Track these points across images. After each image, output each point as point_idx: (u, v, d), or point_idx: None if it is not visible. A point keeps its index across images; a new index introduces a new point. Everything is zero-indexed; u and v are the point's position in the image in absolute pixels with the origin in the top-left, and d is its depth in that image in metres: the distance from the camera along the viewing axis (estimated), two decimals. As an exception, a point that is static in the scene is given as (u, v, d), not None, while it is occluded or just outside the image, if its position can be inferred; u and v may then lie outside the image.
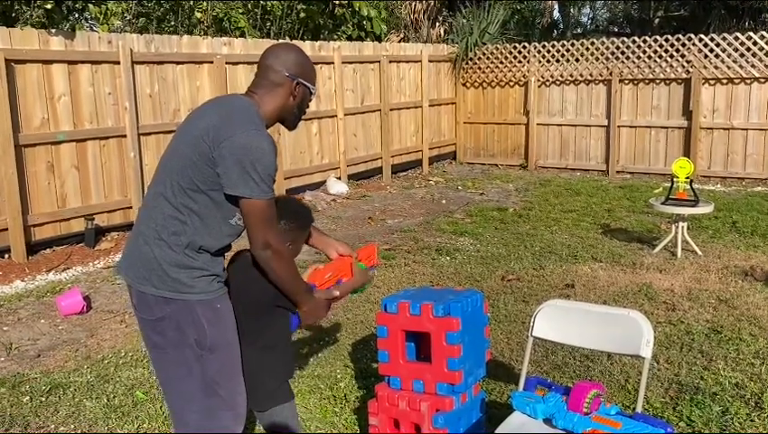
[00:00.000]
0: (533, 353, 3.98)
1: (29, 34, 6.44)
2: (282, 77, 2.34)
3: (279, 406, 2.54)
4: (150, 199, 2.32)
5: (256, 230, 2.22)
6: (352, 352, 4.22)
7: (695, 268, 5.77)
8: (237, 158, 2.15)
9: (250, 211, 2.20)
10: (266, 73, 2.35)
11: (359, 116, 10.31)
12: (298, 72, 2.36)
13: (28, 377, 4.02)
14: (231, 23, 10.01)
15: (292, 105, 2.39)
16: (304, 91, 2.40)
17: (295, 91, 2.36)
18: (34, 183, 6.52)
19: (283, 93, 2.35)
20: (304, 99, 2.42)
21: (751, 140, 9.85)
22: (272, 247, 2.24)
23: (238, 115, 2.23)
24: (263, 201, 2.19)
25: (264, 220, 2.22)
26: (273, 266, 2.28)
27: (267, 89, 2.35)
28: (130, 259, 2.33)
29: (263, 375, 2.47)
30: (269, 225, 2.24)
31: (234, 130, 2.17)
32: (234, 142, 2.15)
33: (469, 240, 6.93)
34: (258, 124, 2.25)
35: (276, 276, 2.31)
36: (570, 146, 11.28)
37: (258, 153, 2.16)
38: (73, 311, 5.04)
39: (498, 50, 11.71)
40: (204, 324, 2.26)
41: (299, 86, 2.37)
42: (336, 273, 2.70)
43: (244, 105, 2.29)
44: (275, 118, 2.39)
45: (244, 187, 2.16)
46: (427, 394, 2.71)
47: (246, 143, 2.15)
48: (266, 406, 2.52)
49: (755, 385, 3.65)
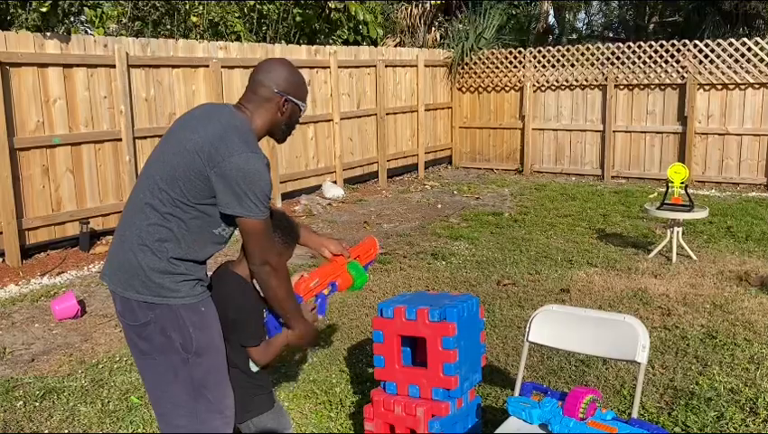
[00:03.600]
0: (529, 358, 3.98)
1: (24, 38, 6.43)
2: (271, 93, 2.35)
3: (256, 418, 2.53)
4: (133, 205, 2.31)
5: (254, 248, 2.27)
6: (348, 356, 4.22)
7: (690, 273, 5.78)
8: (234, 180, 2.17)
9: (249, 230, 2.25)
10: (256, 88, 2.37)
11: (355, 120, 10.32)
12: (287, 89, 2.37)
13: (22, 382, 4.00)
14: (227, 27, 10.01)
15: (280, 120, 2.41)
16: (293, 108, 2.42)
17: (283, 108, 2.38)
18: (29, 186, 6.50)
19: (272, 109, 2.37)
20: (293, 115, 2.44)
21: (745, 146, 9.89)
22: (270, 264, 2.29)
23: (235, 134, 2.23)
24: (260, 220, 2.23)
25: (262, 238, 2.27)
26: (271, 282, 2.32)
27: (257, 103, 2.36)
28: (113, 265, 2.32)
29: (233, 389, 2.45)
30: (267, 243, 2.29)
31: (231, 151, 2.18)
32: (231, 164, 2.17)
33: (464, 244, 6.94)
34: (253, 144, 2.27)
35: (273, 293, 2.35)
36: (565, 151, 11.30)
37: (255, 176, 2.19)
38: (68, 315, 5.02)
39: (494, 55, 11.73)
40: (189, 328, 2.26)
41: (288, 102, 2.38)
42: (326, 278, 2.69)
43: (238, 122, 2.29)
44: (264, 133, 2.41)
45: (241, 208, 2.20)
46: (423, 399, 2.71)
47: (243, 166, 2.17)
48: (241, 418, 2.51)
49: (750, 390, 3.65)
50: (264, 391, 2.58)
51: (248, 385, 2.51)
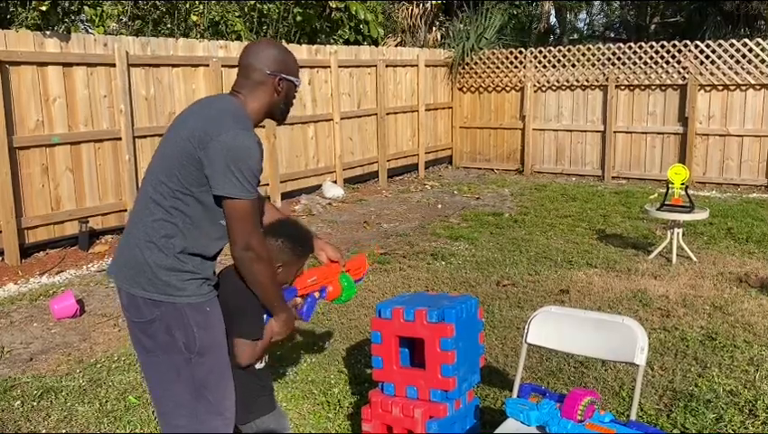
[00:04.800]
0: (527, 360, 3.96)
1: (24, 36, 6.42)
2: (263, 75, 2.32)
3: (258, 419, 2.52)
4: (140, 202, 2.31)
5: (237, 230, 2.20)
6: (346, 357, 4.21)
7: (690, 274, 5.77)
8: (221, 157, 2.14)
9: (232, 211, 2.19)
10: (247, 72, 2.34)
11: (355, 120, 10.30)
12: (280, 68, 2.34)
13: (20, 381, 3.99)
14: (227, 27, 10.00)
15: (278, 100, 2.38)
16: (289, 85, 2.38)
17: (278, 87, 2.35)
18: (28, 185, 6.49)
19: (267, 90, 2.34)
20: (289, 92, 2.40)
21: (746, 147, 9.88)
22: (253, 248, 2.22)
23: (224, 115, 2.22)
24: (245, 201, 2.18)
25: (245, 220, 2.20)
26: (253, 268, 2.26)
27: (250, 88, 2.34)
28: (120, 261, 2.32)
29: (238, 389, 2.44)
30: (251, 226, 2.22)
31: (219, 130, 2.16)
32: (219, 142, 2.14)
33: (464, 244, 6.93)
34: (245, 123, 2.23)
35: (255, 279, 2.29)
36: (566, 152, 11.29)
37: (243, 152, 2.15)
38: (66, 315, 5.01)
39: (494, 55, 11.72)
40: (193, 327, 2.24)
41: (282, 81, 2.35)
42: (321, 279, 2.67)
43: (230, 105, 2.28)
44: (262, 116, 2.38)
45: (227, 187, 2.15)
46: (421, 400, 2.70)
47: (231, 142, 2.15)
48: (243, 419, 2.50)
49: (749, 392, 3.64)
50: (267, 392, 2.58)
51: (253, 386, 2.50)
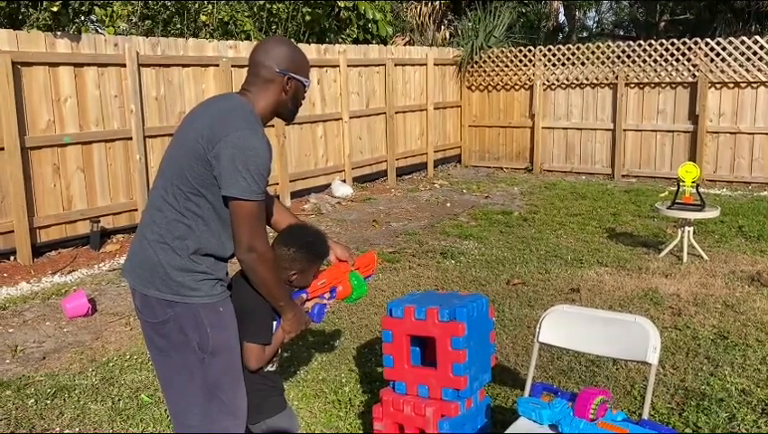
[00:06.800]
0: (539, 359, 3.95)
1: (35, 37, 6.46)
2: (273, 73, 2.32)
3: (269, 419, 2.53)
4: (153, 202, 2.31)
5: (241, 231, 2.20)
6: (357, 356, 4.21)
7: (701, 272, 5.75)
8: (229, 157, 2.13)
9: (238, 212, 2.18)
10: (257, 70, 2.33)
11: (364, 119, 10.31)
12: (289, 67, 2.33)
13: (33, 379, 4.02)
14: (237, 26, 10.01)
15: (285, 100, 2.37)
16: (297, 85, 2.37)
17: (287, 86, 2.34)
18: (40, 185, 6.53)
19: (275, 89, 2.33)
20: (298, 92, 2.39)
21: (757, 144, 9.82)
22: (257, 250, 2.22)
23: (233, 114, 2.22)
24: (251, 202, 2.17)
25: (251, 222, 2.19)
26: (257, 270, 2.25)
27: (259, 86, 2.33)
28: (134, 261, 2.33)
29: (248, 390, 2.44)
30: (256, 228, 2.21)
31: (228, 130, 2.16)
32: (228, 141, 2.14)
33: (474, 243, 6.92)
34: (253, 123, 2.23)
35: (260, 280, 2.28)
36: (575, 150, 11.26)
37: (251, 152, 2.15)
38: (78, 313, 5.04)
39: (503, 53, 11.70)
40: (207, 327, 2.25)
41: (291, 80, 2.34)
42: (330, 280, 2.67)
43: (238, 104, 2.28)
44: (270, 115, 2.37)
45: (234, 187, 2.15)
46: (432, 399, 2.70)
47: (239, 142, 2.14)
48: (254, 419, 2.50)
49: (762, 391, 3.62)
50: (277, 392, 2.59)
51: (264, 387, 2.51)
